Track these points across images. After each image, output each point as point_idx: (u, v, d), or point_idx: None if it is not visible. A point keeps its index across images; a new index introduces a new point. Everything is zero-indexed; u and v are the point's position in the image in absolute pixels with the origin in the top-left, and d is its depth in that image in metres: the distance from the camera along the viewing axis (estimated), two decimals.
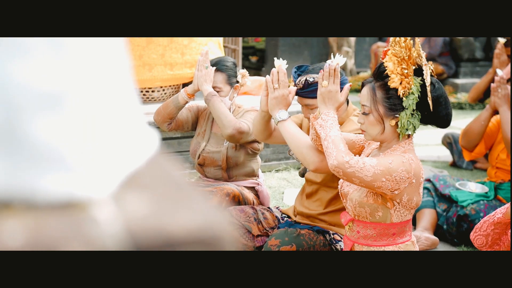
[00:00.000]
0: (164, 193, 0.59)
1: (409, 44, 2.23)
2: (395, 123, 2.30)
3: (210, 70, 3.35)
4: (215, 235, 0.59)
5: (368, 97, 2.32)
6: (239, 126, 3.23)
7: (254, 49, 10.17)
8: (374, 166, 2.21)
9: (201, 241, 0.58)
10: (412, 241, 2.45)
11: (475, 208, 3.48)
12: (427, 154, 5.50)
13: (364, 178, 2.21)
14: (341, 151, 2.22)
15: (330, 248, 2.88)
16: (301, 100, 2.81)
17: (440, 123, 2.35)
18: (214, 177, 3.60)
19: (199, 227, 0.58)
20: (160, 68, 4.87)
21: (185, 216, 0.57)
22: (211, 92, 3.32)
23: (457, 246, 3.53)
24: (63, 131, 0.56)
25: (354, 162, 2.21)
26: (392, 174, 2.22)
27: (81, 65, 0.60)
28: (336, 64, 2.37)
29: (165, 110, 3.50)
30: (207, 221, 0.59)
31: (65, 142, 0.56)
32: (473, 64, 8.07)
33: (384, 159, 2.26)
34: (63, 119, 0.56)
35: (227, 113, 3.28)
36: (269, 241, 2.75)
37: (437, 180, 3.73)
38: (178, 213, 0.57)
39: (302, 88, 2.74)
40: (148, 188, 0.58)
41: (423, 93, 2.26)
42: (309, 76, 2.73)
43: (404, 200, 2.30)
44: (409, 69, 2.23)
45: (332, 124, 2.31)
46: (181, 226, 0.56)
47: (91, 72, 0.61)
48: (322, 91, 2.37)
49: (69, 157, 0.56)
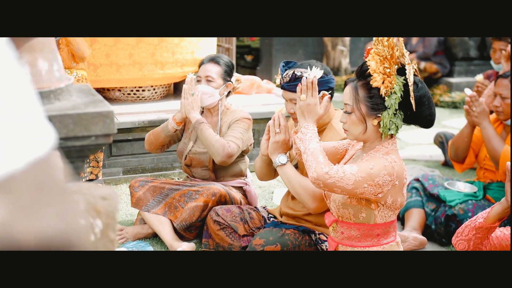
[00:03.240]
0: (29, 199, 0.58)
1: (392, 43, 2.20)
2: (378, 122, 2.28)
3: (196, 97, 3.36)
4: (69, 243, 0.59)
5: (351, 96, 2.30)
6: (228, 152, 3.27)
7: (250, 48, 10.15)
8: (355, 174, 2.19)
9: (53, 248, 0.57)
10: (396, 241, 2.43)
11: (463, 208, 3.47)
12: (419, 154, 5.48)
13: (346, 187, 2.20)
14: (319, 163, 2.21)
15: (315, 248, 2.87)
16: (286, 94, 2.80)
17: (423, 123, 2.32)
18: (201, 178, 3.59)
19: (53, 235, 0.57)
20: (151, 67, 4.86)
21: (41, 223, 0.57)
22: (198, 119, 3.33)
23: (445, 246, 3.51)
24: None
25: (333, 172, 2.19)
26: (374, 179, 2.20)
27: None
28: (313, 77, 2.35)
29: (157, 140, 3.53)
30: (63, 229, 0.58)
31: None
32: (468, 63, 8.05)
33: (365, 164, 2.23)
34: None
35: (215, 140, 3.29)
36: (254, 240, 2.74)
37: (426, 180, 3.72)
38: (34, 220, 0.57)
39: (289, 81, 2.74)
40: (13, 193, 0.57)
41: (406, 92, 2.23)
42: (297, 70, 2.73)
43: (388, 202, 2.28)
44: (392, 68, 2.21)
45: (311, 137, 2.30)
46: (33, 233, 0.56)
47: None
48: (301, 105, 2.38)
49: None
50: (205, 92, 3.44)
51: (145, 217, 3.49)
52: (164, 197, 3.48)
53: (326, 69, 2.80)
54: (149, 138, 3.55)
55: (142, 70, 4.83)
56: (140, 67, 4.82)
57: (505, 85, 3.55)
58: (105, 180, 4.46)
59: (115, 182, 4.51)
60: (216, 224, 3.10)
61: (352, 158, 2.45)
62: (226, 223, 3.10)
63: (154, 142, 3.54)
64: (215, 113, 3.56)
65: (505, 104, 3.54)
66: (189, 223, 3.35)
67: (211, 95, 3.46)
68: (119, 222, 3.81)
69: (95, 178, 4.27)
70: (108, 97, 4.99)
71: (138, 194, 3.50)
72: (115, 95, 4.96)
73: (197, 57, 4.91)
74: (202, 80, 3.48)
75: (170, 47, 4.87)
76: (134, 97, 4.96)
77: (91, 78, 4.66)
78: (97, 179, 4.29)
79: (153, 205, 3.48)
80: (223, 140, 3.30)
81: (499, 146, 3.42)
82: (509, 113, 3.56)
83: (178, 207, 3.42)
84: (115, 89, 4.93)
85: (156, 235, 3.55)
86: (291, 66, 2.82)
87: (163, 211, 3.45)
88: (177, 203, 3.43)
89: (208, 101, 3.47)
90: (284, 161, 2.61)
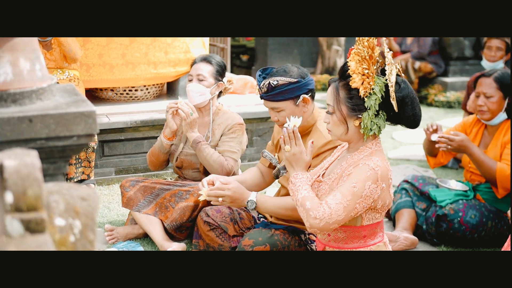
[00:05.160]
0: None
1: (372, 43, 2.19)
2: (359, 123, 2.26)
3: (195, 117, 3.37)
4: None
5: (332, 97, 2.29)
6: (227, 170, 3.33)
7: (245, 48, 10.15)
8: (341, 202, 2.17)
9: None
10: (384, 242, 2.42)
11: (453, 208, 3.46)
12: (413, 154, 5.48)
13: (339, 219, 2.17)
14: (307, 211, 2.19)
15: (305, 248, 2.86)
16: (266, 103, 2.81)
17: (407, 123, 2.30)
18: (192, 179, 3.58)
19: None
20: (144, 67, 4.85)
21: None
22: (196, 139, 3.36)
23: (437, 246, 3.51)
24: None
25: (321, 214, 2.16)
26: (361, 194, 2.18)
27: None
28: (293, 126, 2.33)
29: (158, 160, 3.56)
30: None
31: None
32: (463, 63, 8.05)
33: (347, 185, 2.19)
34: None
35: (213, 160, 3.32)
36: (243, 241, 2.73)
37: (416, 180, 3.71)
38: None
39: (266, 91, 2.74)
40: None
41: (388, 93, 2.22)
42: (272, 79, 2.72)
43: (378, 206, 2.27)
44: (370, 69, 2.19)
45: (299, 186, 2.27)
46: None
47: None
48: (287, 156, 2.34)
49: None
50: (196, 90, 3.44)
51: (136, 217, 3.48)
52: (154, 197, 3.47)
53: (303, 71, 2.79)
54: (151, 159, 3.58)
55: (135, 70, 4.82)
56: (133, 67, 4.81)
57: (488, 84, 3.54)
58: (98, 180, 4.45)
59: (107, 182, 4.50)
60: (206, 225, 3.10)
61: (337, 160, 2.44)
62: (216, 223, 3.10)
63: (156, 162, 3.57)
64: (207, 113, 3.56)
65: (490, 103, 3.53)
66: (179, 223, 3.34)
67: (202, 93, 3.45)
68: (111, 222, 3.80)
69: (87, 178, 4.26)
70: (101, 97, 4.98)
71: (129, 194, 3.49)
72: (108, 95, 4.95)
73: (190, 56, 4.90)
74: (193, 79, 3.48)
75: (163, 47, 4.86)
76: (127, 97, 4.95)
77: (83, 78, 4.65)
78: (89, 179, 4.28)
79: (143, 205, 3.47)
80: (221, 158, 3.33)
81: (492, 166, 3.39)
82: (494, 112, 3.54)
83: (169, 207, 3.41)
84: (108, 89, 4.92)
85: (147, 235, 3.54)
86: (267, 73, 2.82)
87: (154, 211, 3.44)
88: (168, 203, 3.42)
89: (198, 100, 3.46)
90: (253, 206, 2.60)
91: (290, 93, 2.73)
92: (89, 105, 1.74)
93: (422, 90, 7.89)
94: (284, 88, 2.72)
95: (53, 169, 1.74)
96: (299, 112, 2.77)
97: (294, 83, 2.73)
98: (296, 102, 2.76)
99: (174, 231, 3.39)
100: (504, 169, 3.37)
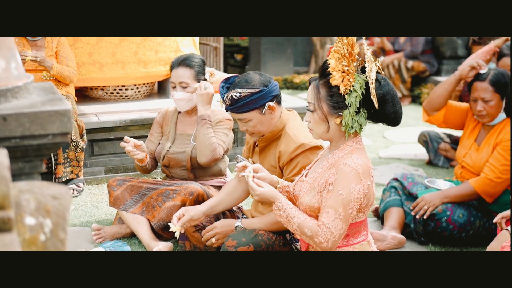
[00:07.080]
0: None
1: (351, 41, 2.19)
2: (340, 121, 2.26)
3: (209, 90, 3.36)
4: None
5: (313, 95, 2.29)
6: (216, 158, 3.33)
7: (239, 47, 10.13)
8: (335, 215, 2.18)
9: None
10: (368, 240, 2.41)
11: (442, 207, 3.46)
12: (404, 153, 5.48)
13: (341, 232, 2.20)
14: (311, 238, 2.22)
15: (290, 247, 2.85)
16: (233, 115, 2.84)
17: (388, 121, 2.30)
18: (180, 178, 3.57)
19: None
20: (134, 66, 4.83)
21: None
22: (203, 115, 3.34)
23: (424, 245, 3.50)
24: None
25: (323, 237, 2.19)
26: (351, 197, 2.19)
27: None
28: (248, 173, 2.42)
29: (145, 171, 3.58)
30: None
31: None
32: (456, 62, 8.04)
33: (333, 197, 2.20)
34: None
35: (209, 142, 3.31)
36: (226, 242, 2.72)
37: (405, 179, 3.71)
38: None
39: (231, 104, 2.75)
40: None
41: (368, 90, 2.22)
42: (235, 92, 2.74)
43: (363, 205, 2.27)
44: (350, 66, 2.19)
45: (289, 216, 2.28)
46: None
47: None
48: (257, 200, 2.41)
49: None
50: (182, 99, 3.45)
51: (123, 216, 3.47)
52: (141, 196, 3.46)
53: (265, 78, 2.78)
54: (138, 168, 3.58)
55: (125, 69, 4.81)
56: (123, 66, 4.80)
57: (484, 88, 3.55)
58: (87, 179, 4.44)
59: (96, 181, 4.49)
60: (192, 226, 3.08)
61: (320, 159, 2.43)
62: (202, 224, 3.09)
63: (144, 170, 3.58)
64: (194, 113, 3.56)
65: (489, 107, 3.54)
66: (166, 222, 3.33)
67: (188, 100, 3.47)
68: (99, 221, 3.79)
69: (76, 177, 4.25)
70: (91, 96, 4.97)
71: (116, 194, 3.48)
72: (98, 94, 4.94)
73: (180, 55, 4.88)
74: (176, 86, 3.47)
75: (153, 46, 4.85)
76: (117, 96, 4.94)
77: None
78: (78, 178, 4.26)
79: (130, 205, 3.46)
80: (215, 145, 3.32)
81: (469, 189, 3.45)
82: (494, 115, 3.55)
83: (156, 207, 3.40)
84: (98, 88, 4.91)
85: (135, 235, 3.53)
86: (230, 83, 2.82)
87: (141, 211, 3.43)
88: (155, 203, 3.41)
89: (186, 107, 3.49)
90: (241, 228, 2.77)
91: (254, 103, 2.74)
92: (65, 103, 1.73)
93: (415, 89, 7.89)
94: (248, 99, 2.73)
95: (28, 168, 1.73)
96: (267, 119, 2.79)
97: (257, 92, 2.73)
98: (262, 111, 2.76)
99: (161, 230, 3.38)
100: (478, 183, 3.43)
